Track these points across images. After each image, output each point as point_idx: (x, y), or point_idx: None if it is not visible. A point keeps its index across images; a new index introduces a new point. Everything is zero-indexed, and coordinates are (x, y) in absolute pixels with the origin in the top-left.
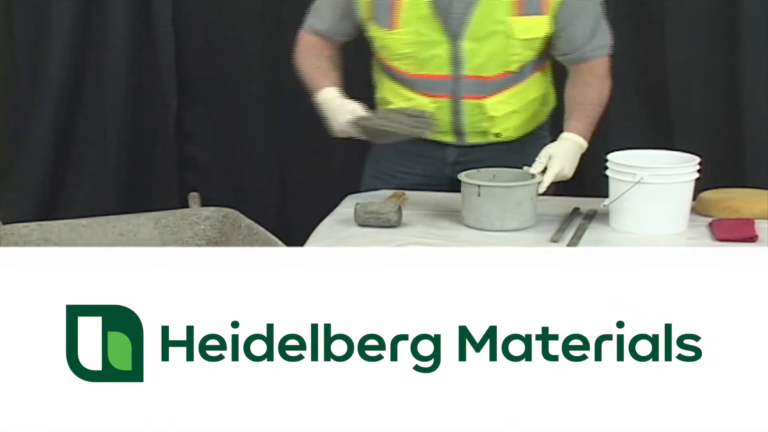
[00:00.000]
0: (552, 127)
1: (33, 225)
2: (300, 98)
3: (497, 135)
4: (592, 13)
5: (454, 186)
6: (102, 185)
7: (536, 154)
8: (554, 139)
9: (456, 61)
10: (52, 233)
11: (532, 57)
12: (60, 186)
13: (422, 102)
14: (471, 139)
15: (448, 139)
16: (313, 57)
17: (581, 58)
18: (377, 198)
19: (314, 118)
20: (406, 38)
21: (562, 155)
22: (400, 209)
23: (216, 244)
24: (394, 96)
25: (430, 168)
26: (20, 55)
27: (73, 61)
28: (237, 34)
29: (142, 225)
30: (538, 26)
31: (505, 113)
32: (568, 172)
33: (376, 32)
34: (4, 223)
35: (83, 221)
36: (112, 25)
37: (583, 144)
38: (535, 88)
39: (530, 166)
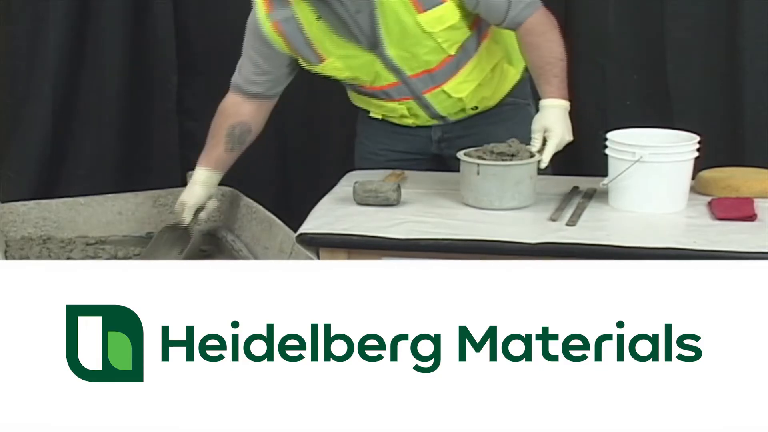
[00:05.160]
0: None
1: (31, 203)
2: (301, 76)
3: (474, 108)
4: None
5: (437, 163)
6: (102, 163)
7: (518, 122)
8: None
9: (393, 68)
10: (50, 212)
11: (465, 36)
12: (59, 164)
13: (394, 106)
14: (454, 118)
15: (435, 122)
16: (216, 126)
17: (513, 23)
18: (377, 176)
19: (315, 95)
20: (338, 65)
21: (556, 124)
22: (399, 188)
23: (215, 222)
24: (368, 105)
25: (414, 145)
26: (18, 33)
27: (72, 37)
28: (237, 9)
29: (141, 203)
30: (446, 15)
31: (471, 90)
32: (568, 136)
33: (311, 67)
34: (3, 201)
35: (81, 200)
36: (111, 1)
37: (565, 105)
38: (489, 57)
39: (517, 138)
